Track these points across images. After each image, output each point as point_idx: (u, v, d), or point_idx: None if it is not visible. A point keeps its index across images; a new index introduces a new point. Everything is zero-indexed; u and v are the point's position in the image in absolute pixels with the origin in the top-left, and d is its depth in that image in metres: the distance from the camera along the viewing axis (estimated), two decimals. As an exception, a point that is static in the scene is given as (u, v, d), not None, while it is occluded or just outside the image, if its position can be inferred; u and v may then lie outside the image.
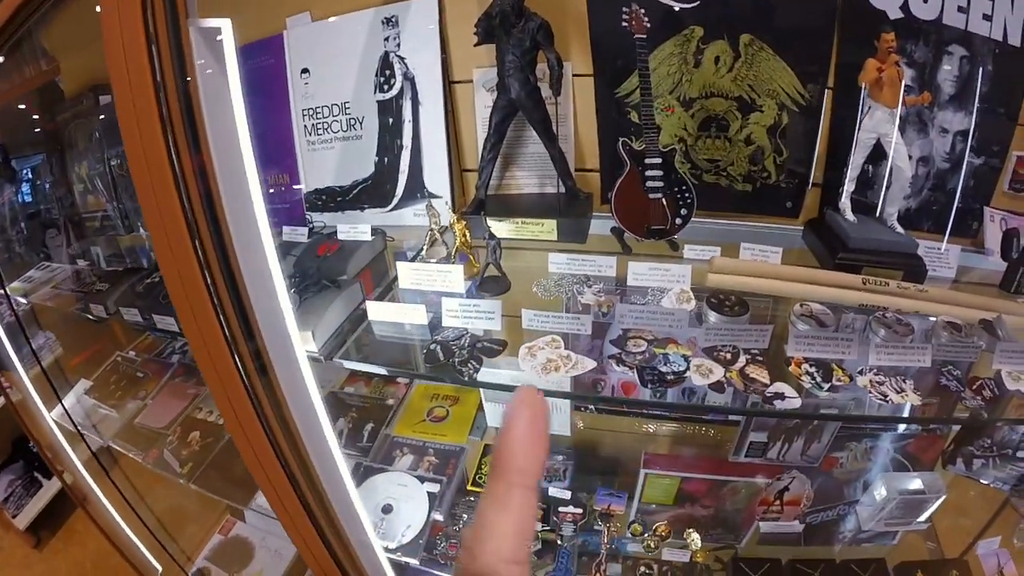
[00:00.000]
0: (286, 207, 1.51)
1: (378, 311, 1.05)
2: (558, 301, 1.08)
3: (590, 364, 0.89)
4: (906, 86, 1.24)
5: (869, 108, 1.19)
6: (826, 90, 1.26)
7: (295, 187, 1.48)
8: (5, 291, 1.69)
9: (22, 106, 1.85)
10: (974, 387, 1.06)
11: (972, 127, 1.28)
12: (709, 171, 1.31)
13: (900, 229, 1.25)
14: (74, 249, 1.75)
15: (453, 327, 1.00)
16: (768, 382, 0.90)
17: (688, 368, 0.90)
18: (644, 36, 1.11)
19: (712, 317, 1.00)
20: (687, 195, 1.16)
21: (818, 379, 0.94)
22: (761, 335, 0.96)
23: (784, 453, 1.46)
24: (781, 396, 0.89)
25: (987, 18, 1.21)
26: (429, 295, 1.08)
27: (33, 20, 1.21)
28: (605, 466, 1.57)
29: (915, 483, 1.39)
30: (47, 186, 1.85)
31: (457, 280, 1.07)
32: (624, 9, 1.11)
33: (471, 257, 1.13)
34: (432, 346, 0.96)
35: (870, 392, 0.96)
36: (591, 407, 1.54)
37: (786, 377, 0.97)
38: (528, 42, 1.13)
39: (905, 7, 1.19)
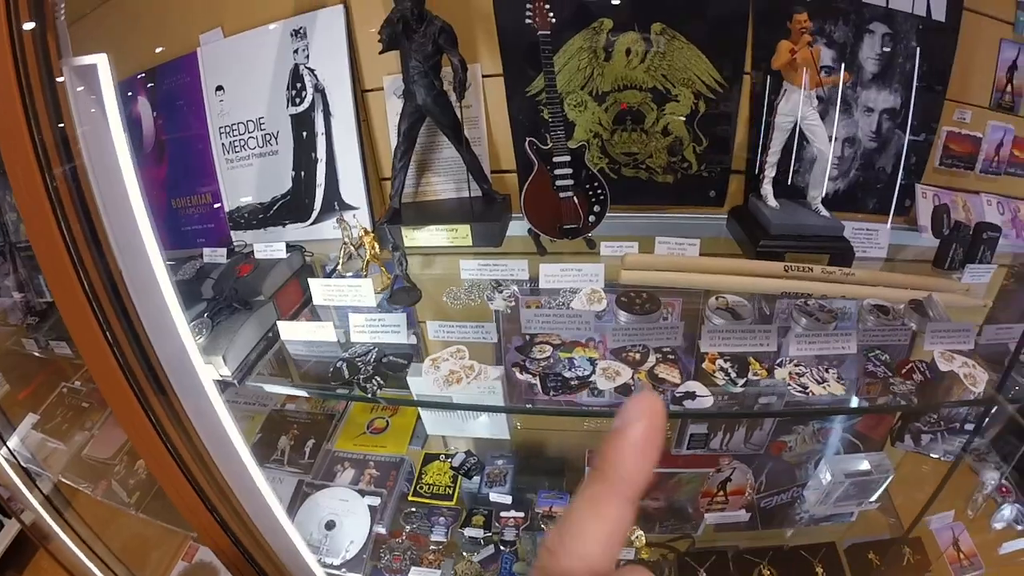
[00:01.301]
0: (210, 227, 1.53)
1: (289, 331, 1.08)
2: (469, 308, 1.11)
3: (495, 373, 0.93)
4: (826, 67, 1.28)
5: (785, 91, 1.21)
6: (743, 75, 1.29)
7: (216, 206, 1.50)
8: None
9: None
10: (903, 371, 1.09)
11: (899, 104, 1.31)
12: (628, 165, 1.34)
13: (825, 212, 1.28)
14: (22, 275, 1.77)
15: (362, 343, 1.03)
16: (679, 381, 0.93)
17: (594, 372, 0.93)
18: (548, 32, 1.13)
19: (622, 316, 1.03)
20: (600, 192, 1.19)
21: (732, 375, 0.97)
22: (673, 332, 0.99)
23: (727, 442, 1.50)
24: (692, 396, 0.92)
25: None
26: (345, 311, 1.11)
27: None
28: (551, 466, 1.61)
29: (860, 464, 1.44)
30: None
31: (367, 294, 1.10)
32: (528, 5, 1.13)
33: (382, 269, 1.16)
34: (338, 364, 1.00)
35: (789, 384, 0.99)
36: (529, 406, 1.57)
37: (701, 374, 1.00)
38: (430, 47, 1.16)
39: None
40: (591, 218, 1.18)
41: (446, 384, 0.90)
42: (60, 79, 0.78)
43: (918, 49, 1.27)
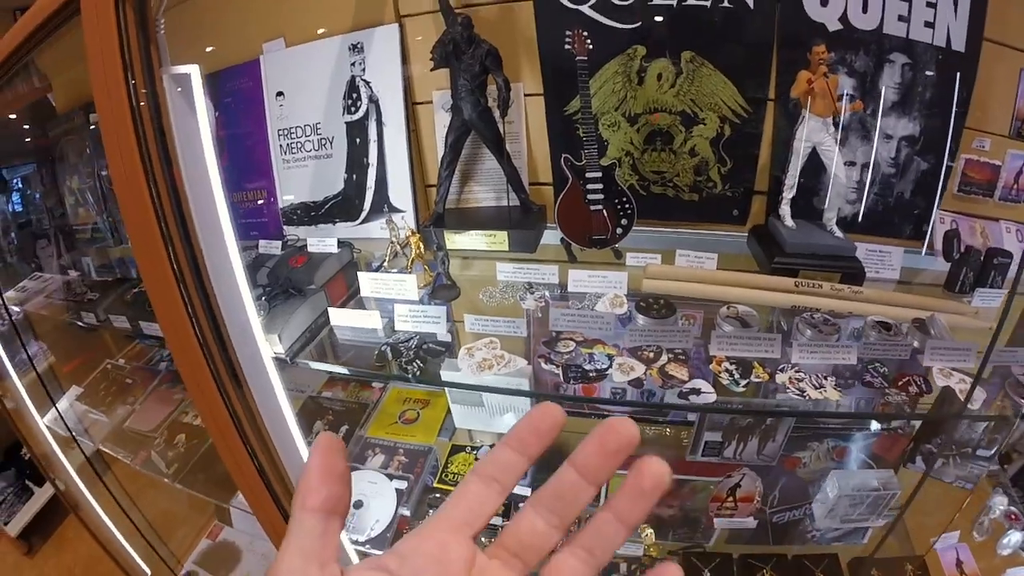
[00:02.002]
0: (264, 221, 1.70)
1: (338, 317, 1.23)
2: (503, 306, 1.25)
3: (522, 363, 1.06)
4: (848, 95, 1.40)
5: (803, 118, 1.32)
6: (768, 102, 1.42)
7: (272, 202, 1.67)
8: (2, 299, 1.91)
9: (15, 120, 2.07)
10: (900, 383, 1.20)
11: (917, 132, 1.40)
12: (656, 182, 1.47)
13: (839, 233, 1.39)
14: (65, 260, 1.97)
15: (405, 331, 1.18)
16: (686, 379, 1.06)
17: (611, 366, 1.06)
18: (585, 58, 1.28)
19: (640, 320, 1.16)
20: (628, 206, 1.32)
21: (736, 376, 1.09)
22: (684, 335, 1.12)
23: (740, 452, 1.60)
24: (697, 391, 1.05)
25: (929, 25, 1.32)
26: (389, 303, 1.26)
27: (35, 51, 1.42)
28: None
29: (866, 480, 1.53)
30: (38, 197, 2.08)
31: (411, 288, 1.25)
32: (567, 32, 1.28)
33: (425, 267, 1.31)
34: (383, 348, 1.14)
35: (788, 388, 1.11)
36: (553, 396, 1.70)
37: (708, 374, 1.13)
38: (478, 67, 1.31)
39: (844, 19, 1.32)
40: (619, 230, 1.32)
41: (479, 370, 1.04)
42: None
43: (937, 78, 1.35)
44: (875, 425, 1.66)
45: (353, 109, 1.51)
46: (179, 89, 0.96)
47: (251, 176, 1.69)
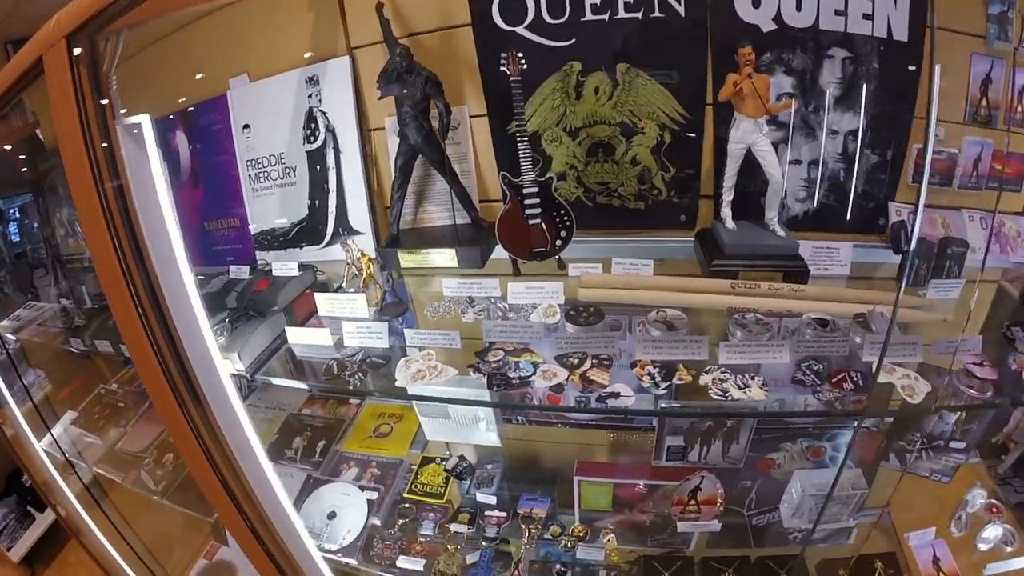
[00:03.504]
0: (238, 247, 1.92)
1: (294, 335, 1.43)
2: (445, 320, 1.43)
3: (452, 372, 1.24)
4: (786, 93, 1.51)
5: (735, 120, 1.44)
6: (706, 106, 1.55)
7: (245, 229, 1.89)
8: None
9: (8, 153, 2.35)
10: (834, 380, 1.32)
11: (864, 125, 1.50)
12: (602, 193, 1.64)
13: (782, 232, 1.50)
14: (61, 288, 2.23)
15: (352, 346, 1.36)
16: (606, 383, 1.21)
17: (535, 373, 1.22)
18: (519, 79, 1.45)
19: (569, 328, 1.32)
20: (566, 219, 1.49)
21: (657, 379, 1.23)
22: (610, 341, 1.28)
23: (705, 455, 1.72)
24: (616, 395, 1.20)
25: (868, 17, 1.42)
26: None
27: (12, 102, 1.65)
28: (545, 476, 1.88)
29: (828, 479, 1.63)
30: (35, 226, 2.35)
31: (362, 307, 1.43)
32: (502, 54, 1.44)
33: (377, 286, 1.50)
34: (331, 362, 1.33)
35: (711, 389, 1.25)
36: (521, 419, 1.87)
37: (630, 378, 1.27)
38: (419, 94, 1.50)
39: (778, 18, 1.44)
40: (558, 242, 1.48)
41: (413, 380, 1.22)
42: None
43: (880, 70, 1.44)
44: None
45: (312, 139, 1.71)
46: (132, 136, 1.17)
47: (225, 205, 1.91)
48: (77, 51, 1.08)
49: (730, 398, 1.23)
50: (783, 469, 1.77)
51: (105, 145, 1.15)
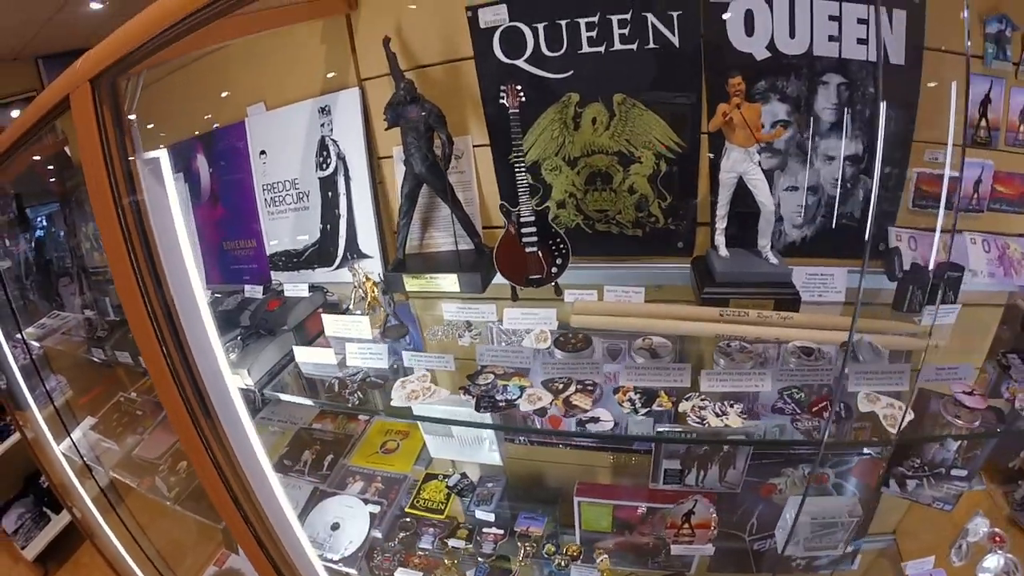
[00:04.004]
0: (254, 267, 2.06)
1: (301, 354, 1.56)
2: (444, 343, 1.54)
3: (444, 393, 1.34)
4: (781, 121, 1.56)
5: (726, 149, 1.51)
6: (700, 135, 1.62)
7: (261, 250, 2.04)
8: (22, 336, 2.35)
9: (38, 166, 2.55)
10: (814, 409, 1.39)
11: (861, 151, 1.56)
12: (600, 220, 1.74)
13: (774, 260, 1.56)
14: (86, 298, 2.41)
15: (354, 366, 1.48)
16: (588, 408, 1.31)
17: (521, 396, 1.32)
18: (517, 111, 1.54)
19: (558, 354, 1.42)
20: (562, 247, 1.59)
21: (637, 404, 1.32)
22: (594, 368, 1.37)
23: (702, 480, 1.79)
24: (596, 420, 1.29)
25: (863, 42, 1.47)
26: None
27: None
28: (546, 495, 1.98)
29: (824, 506, 1.69)
30: (61, 235, 2.55)
31: (365, 328, 1.56)
32: (501, 87, 1.54)
33: (381, 308, 1.62)
34: (332, 380, 1.45)
35: (689, 416, 1.32)
36: (523, 440, 1.96)
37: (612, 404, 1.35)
38: (423, 126, 1.62)
39: (771, 46, 1.49)
40: (554, 269, 1.58)
41: (408, 399, 1.33)
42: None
43: (877, 94, 1.48)
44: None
45: (324, 166, 1.85)
46: (150, 169, 1.31)
47: (243, 226, 2.06)
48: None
49: (707, 424, 1.31)
50: (785, 495, 1.83)
51: (126, 176, 1.29)
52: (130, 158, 1.30)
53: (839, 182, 1.60)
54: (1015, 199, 1.58)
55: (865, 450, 1.82)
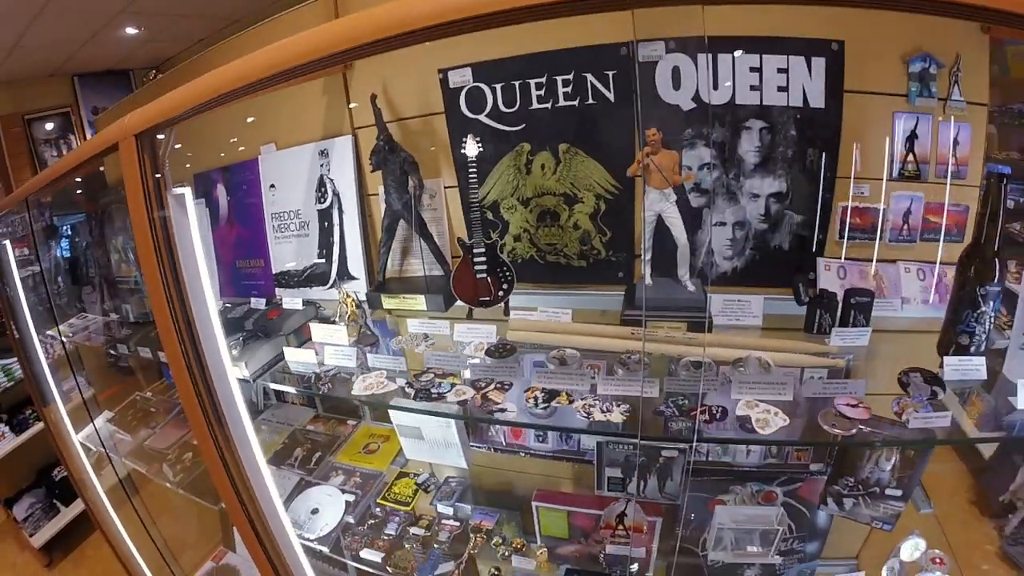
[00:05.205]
0: (262, 283, 2.57)
1: (290, 354, 2.04)
2: (404, 351, 1.99)
3: (393, 386, 1.79)
4: (706, 164, 1.88)
5: (645, 191, 1.80)
6: (636, 179, 1.94)
7: (267, 269, 2.55)
8: (58, 331, 2.88)
9: (74, 186, 3.09)
10: (691, 413, 1.62)
11: (784, 188, 1.80)
12: (550, 252, 2.17)
13: (691, 287, 1.90)
14: (108, 305, 2.93)
15: (330, 364, 1.95)
16: (499, 402, 1.70)
17: (450, 390, 1.75)
18: (474, 160, 1.96)
19: (488, 360, 1.86)
20: (508, 274, 2.03)
21: (539, 400, 1.70)
22: (511, 372, 1.80)
23: (643, 489, 2.03)
24: (503, 410, 1.68)
25: (783, 89, 1.71)
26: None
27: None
28: (507, 500, 2.38)
29: (749, 514, 2.01)
30: (86, 245, 3.09)
31: (343, 336, 2.03)
32: (462, 139, 2.01)
33: (358, 321, 2.09)
34: (311, 374, 1.93)
35: (578, 412, 1.65)
36: (487, 447, 2.39)
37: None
38: (399, 171, 2.11)
39: (696, 98, 1.77)
40: (500, 293, 2.02)
41: (366, 390, 1.78)
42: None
43: (798, 136, 1.73)
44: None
45: (322, 200, 2.36)
46: (177, 201, 1.82)
47: (253, 248, 2.58)
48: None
49: (591, 418, 1.63)
50: (734, 511, 2.11)
51: (159, 207, 1.79)
52: (163, 193, 1.80)
53: (764, 217, 1.86)
54: (950, 228, 1.76)
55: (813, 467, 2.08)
